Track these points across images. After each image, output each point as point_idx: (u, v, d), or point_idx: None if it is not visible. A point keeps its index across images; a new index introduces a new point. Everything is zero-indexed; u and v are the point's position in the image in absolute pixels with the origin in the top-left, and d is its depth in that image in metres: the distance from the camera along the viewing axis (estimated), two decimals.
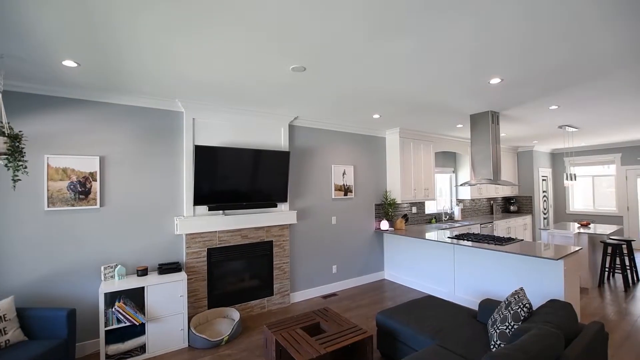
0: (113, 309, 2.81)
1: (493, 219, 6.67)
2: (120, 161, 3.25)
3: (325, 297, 4.52)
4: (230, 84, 2.93)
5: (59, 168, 2.95)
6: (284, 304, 4.19)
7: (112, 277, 3.09)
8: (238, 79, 2.80)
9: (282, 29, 1.95)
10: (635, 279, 5.05)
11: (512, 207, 7.88)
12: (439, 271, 4.46)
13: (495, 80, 2.95)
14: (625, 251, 5.50)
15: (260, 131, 4.05)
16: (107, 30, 1.92)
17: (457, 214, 6.62)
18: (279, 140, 4.18)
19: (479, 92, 3.32)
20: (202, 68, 2.55)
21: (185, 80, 2.84)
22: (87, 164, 3.08)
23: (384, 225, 5.15)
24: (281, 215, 4.08)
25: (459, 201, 6.92)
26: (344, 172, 4.87)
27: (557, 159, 8.70)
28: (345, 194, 4.88)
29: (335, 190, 4.76)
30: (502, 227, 6.72)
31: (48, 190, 2.90)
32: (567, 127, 5.34)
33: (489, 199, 7.72)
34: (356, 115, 4.25)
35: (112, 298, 3.03)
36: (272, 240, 4.10)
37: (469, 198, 6.67)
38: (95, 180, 3.11)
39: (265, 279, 4.06)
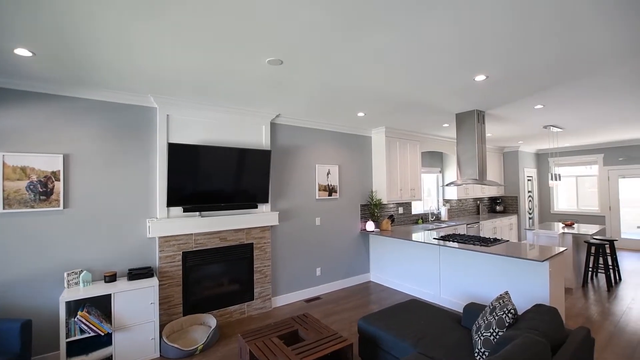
0: (75, 319, 2.60)
1: (479, 219, 6.65)
2: (87, 160, 3.04)
3: (308, 300, 4.38)
4: (204, 77, 2.76)
5: (17, 167, 2.73)
6: (265, 308, 4.03)
7: (77, 283, 2.88)
8: (212, 72, 2.64)
9: (255, 17, 1.80)
10: (617, 278, 5.08)
11: (498, 207, 7.91)
12: (424, 273, 4.37)
13: (480, 77, 2.86)
14: (608, 251, 5.55)
15: (241, 129, 3.88)
16: (64, 16, 1.73)
17: (444, 214, 6.58)
18: (260, 139, 4.02)
19: (464, 90, 3.23)
20: (173, 60, 2.37)
21: (156, 74, 2.65)
22: (49, 163, 2.86)
23: (370, 226, 5.04)
24: (262, 216, 3.92)
25: (446, 201, 6.88)
26: (329, 171, 4.74)
27: (541, 159, 8.78)
28: (330, 194, 4.75)
29: (319, 190, 4.62)
30: (488, 227, 6.71)
31: (4, 190, 2.67)
32: (551, 127, 5.34)
33: (476, 199, 7.72)
34: (340, 113, 4.12)
35: (76, 306, 2.82)
36: (252, 243, 3.93)
37: (456, 198, 6.63)
38: (59, 180, 2.89)
39: (245, 283, 3.89)
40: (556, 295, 3.30)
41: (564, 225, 5.56)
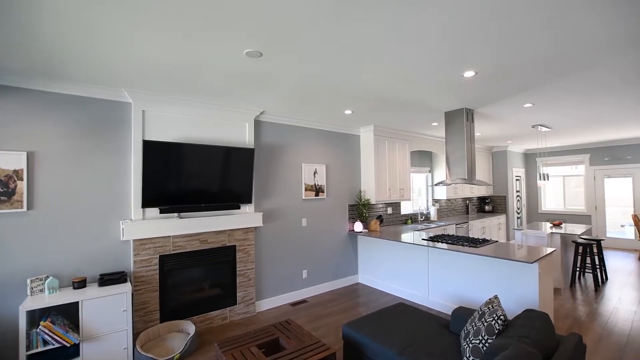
0: (38, 329, 2.41)
1: (468, 219, 6.62)
2: (54, 158, 2.83)
3: (294, 304, 4.23)
4: (180, 70, 2.59)
5: None
6: (248, 313, 3.87)
7: (42, 291, 2.68)
8: (188, 64, 2.47)
9: (230, 4, 1.66)
10: (604, 277, 5.09)
11: (487, 207, 7.90)
12: (413, 274, 4.28)
13: (469, 74, 2.77)
14: (595, 250, 5.56)
15: (223, 126, 3.71)
16: None
17: (433, 214, 6.52)
18: (243, 136, 3.86)
19: (452, 87, 3.14)
20: (146, 52, 2.20)
21: (129, 66, 2.47)
22: (11, 161, 2.65)
23: (358, 226, 4.93)
24: (245, 217, 3.76)
25: (435, 201, 6.82)
26: (316, 171, 4.61)
27: (529, 159, 8.82)
28: (317, 195, 4.62)
29: (305, 190, 4.49)
30: (477, 227, 6.68)
31: None
32: (540, 127, 5.32)
33: (465, 199, 7.70)
34: (327, 110, 3.99)
35: (42, 315, 2.62)
36: (235, 245, 3.77)
37: (445, 198, 6.58)
38: (22, 179, 2.68)
39: (227, 287, 3.73)
40: (545, 296, 3.24)
41: (552, 225, 5.55)
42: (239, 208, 3.74)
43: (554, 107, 3.98)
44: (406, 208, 6.21)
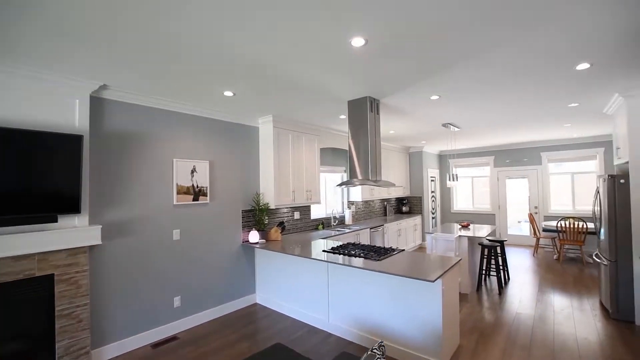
0: None
1: (385, 221, 6.27)
2: None
3: (157, 345, 3.19)
4: None
5: None
6: None
7: None
8: None
9: None
10: (506, 278, 5.10)
11: (404, 208, 7.77)
12: (313, 294, 3.59)
13: (358, 41, 2.13)
14: (499, 251, 5.62)
15: (33, 102, 2.52)
16: None
17: (348, 218, 6.01)
18: (70, 119, 2.71)
19: (344, 62, 2.49)
20: None
21: None
22: None
23: (254, 236, 4.08)
24: (69, 233, 2.62)
25: (351, 203, 6.34)
26: (194, 169, 3.63)
27: (443, 160, 9.03)
28: (196, 199, 3.64)
29: (178, 193, 3.48)
30: (393, 230, 6.38)
31: None
32: (450, 126, 5.15)
33: (383, 200, 7.43)
34: (199, 89, 3.06)
35: None
36: (52, 274, 2.60)
37: (361, 200, 6.12)
38: None
39: (38, 336, 2.54)
40: (449, 317, 2.80)
41: (460, 226, 5.44)
42: (57, 221, 2.58)
43: (459, 100, 3.67)
44: (318, 212, 5.58)
